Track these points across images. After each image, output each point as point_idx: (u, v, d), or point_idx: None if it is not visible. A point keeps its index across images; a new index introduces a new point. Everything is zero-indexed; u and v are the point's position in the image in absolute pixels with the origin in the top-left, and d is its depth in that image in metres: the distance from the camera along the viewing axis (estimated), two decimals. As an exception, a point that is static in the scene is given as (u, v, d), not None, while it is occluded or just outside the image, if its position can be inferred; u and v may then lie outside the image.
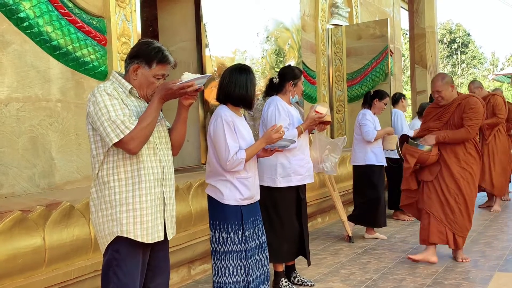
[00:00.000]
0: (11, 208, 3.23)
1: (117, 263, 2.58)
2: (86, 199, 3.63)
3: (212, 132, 3.32)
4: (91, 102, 2.53)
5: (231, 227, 3.34)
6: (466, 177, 4.86)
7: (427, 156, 4.88)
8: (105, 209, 2.57)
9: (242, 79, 3.38)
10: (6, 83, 3.58)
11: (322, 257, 5.50)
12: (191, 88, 2.54)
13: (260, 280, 3.46)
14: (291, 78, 4.41)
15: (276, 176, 4.27)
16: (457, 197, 4.86)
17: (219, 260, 3.39)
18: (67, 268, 3.43)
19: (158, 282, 2.79)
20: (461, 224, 4.88)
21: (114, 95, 2.50)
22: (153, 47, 2.61)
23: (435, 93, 4.94)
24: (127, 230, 2.56)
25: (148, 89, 2.64)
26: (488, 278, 4.51)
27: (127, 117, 2.47)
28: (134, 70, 2.61)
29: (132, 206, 2.56)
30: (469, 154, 4.89)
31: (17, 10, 3.66)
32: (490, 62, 44.46)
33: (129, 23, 4.44)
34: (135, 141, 2.48)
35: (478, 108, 4.79)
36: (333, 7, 8.36)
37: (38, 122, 3.78)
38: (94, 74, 4.21)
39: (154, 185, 2.63)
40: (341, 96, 8.27)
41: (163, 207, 2.70)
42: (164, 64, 2.62)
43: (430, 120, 5.07)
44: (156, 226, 2.66)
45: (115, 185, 2.55)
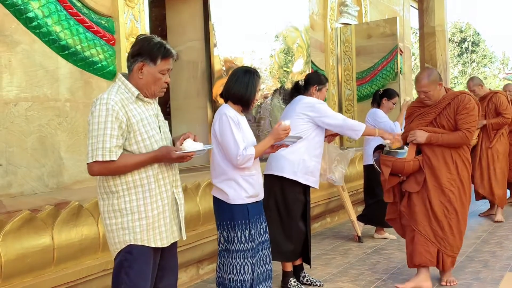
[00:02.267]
0: (20, 207, 3.24)
1: (129, 264, 2.59)
2: (94, 198, 3.63)
3: (218, 130, 3.31)
4: (91, 111, 2.53)
5: (238, 226, 3.34)
6: (457, 186, 4.18)
7: (401, 164, 4.14)
8: (114, 217, 2.58)
9: (244, 78, 3.39)
10: (15, 83, 3.59)
11: (331, 257, 5.48)
12: (190, 158, 2.63)
13: (262, 277, 3.46)
14: (317, 82, 4.55)
15: (297, 170, 4.30)
16: (447, 210, 4.17)
17: (228, 258, 3.40)
18: (75, 267, 3.44)
19: (167, 282, 2.80)
20: (451, 242, 4.21)
21: (115, 109, 2.48)
22: (155, 42, 2.60)
23: (421, 93, 4.21)
24: (141, 238, 2.58)
25: (155, 86, 2.63)
26: (499, 279, 4.47)
27: (115, 147, 2.47)
28: (139, 68, 2.59)
29: (145, 214, 2.58)
30: (461, 160, 4.20)
31: (26, 10, 3.67)
32: (501, 61, 44.17)
33: (137, 22, 4.44)
34: (103, 172, 2.51)
35: (472, 107, 4.13)
36: (342, 6, 8.32)
37: (47, 122, 3.79)
38: (102, 73, 4.21)
39: (166, 189, 2.66)
40: (350, 96, 8.23)
41: (176, 207, 2.74)
42: (168, 59, 2.61)
43: (413, 121, 4.36)
44: (171, 228, 2.70)
45: (125, 194, 2.56)
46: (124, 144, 2.53)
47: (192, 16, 5.66)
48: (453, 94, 4.20)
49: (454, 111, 4.13)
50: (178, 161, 2.66)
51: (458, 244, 4.25)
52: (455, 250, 4.26)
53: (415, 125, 4.27)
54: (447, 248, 4.20)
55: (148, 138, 2.57)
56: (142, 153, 2.56)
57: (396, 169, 4.17)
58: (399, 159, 4.13)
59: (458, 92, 4.23)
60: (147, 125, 2.59)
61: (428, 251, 4.18)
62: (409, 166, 4.13)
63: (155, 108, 2.71)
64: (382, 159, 4.22)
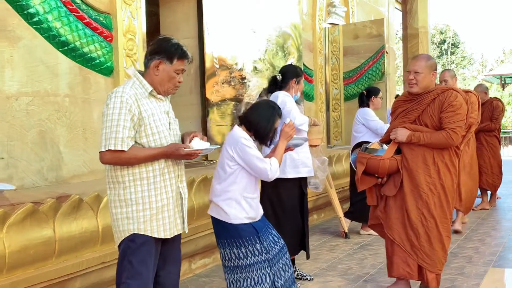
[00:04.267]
0: (21, 200, 3.30)
1: (131, 252, 2.70)
2: (94, 192, 3.71)
3: (241, 154, 3.24)
4: (106, 104, 2.66)
5: (248, 242, 3.28)
6: (437, 192, 3.77)
7: (376, 162, 3.77)
8: (119, 207, 2.70)
9: (267, 113, 3.37)
10: (16, 78, 3.64)
11: (320, 253, 5.60)
12: (196, 156, 2.76)
13: (288, 283, 3.42)
14: (294, 75, 4.55)
15: (285, 167, 4.37)
16: (424, 218, 3.77)
17: (244, 273, 3.32)
18: (75, 259, 3.51)
19: (170, 271, 2.92)
20: (430, 254, 3.79)
21: (129, 102, 2.61)
22: (173, 43, 2.75)
23: (411, 73, 3.79)
24: (144, 228, 2.69)
25: (169, 83, 2.76)
26: (482, 274, 4.63)
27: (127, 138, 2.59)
28: (155, 65, 2.72)
29: (149, 205, 2.69)
30: (444, 163, 3.79)
31: (27, 6, 3.71)
32: (480, 63, 44.88)
33: (134, 20, 4.51)
34: (114, 161, 2.63)
35: (459, 105, 3.74)
36: (330, 6, 8.47)
37: (47, 116, 3.84)
38: (100, 69, 4.27)
39: (171, 182, 2.78)
40: (337, 95, 8.39)
41: (180, 201, 2.85)
42: (183, 60, 2.76)
43: (396, 119, 3.98)
44: (175, 221, 2.81)
45: (131, 185, 2.68)
46: (135, 136, 2.65)
47: (185, 14, 5.74)
48: (440, 90, 3.82)
49: (439, 109, 3.75)
50: (185, 158, 2.78)
51: (440, 257, 3.82)
52: (439, 265, 3.83)
53: (398, 122, 3.89)
54: (426, 262, 3.80)
55: (157, 132, 2.69)
56: (151, 147, 2.68)
57: (370, 168, 3.82)
58: (374, 157, 3.79)
59: (445, 88, 3.88)
60: (158, 120, 2.71)
61: (406, 263, 3.85)
62: (385, 165, 3.76)
63: (167, 106, 2.84)
64: (358, 156, 3.91)
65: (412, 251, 3.81)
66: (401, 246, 3.84)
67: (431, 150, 3.76)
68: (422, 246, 3.79)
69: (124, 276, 2.71)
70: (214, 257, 5.13)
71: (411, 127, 3.82)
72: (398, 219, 3.85)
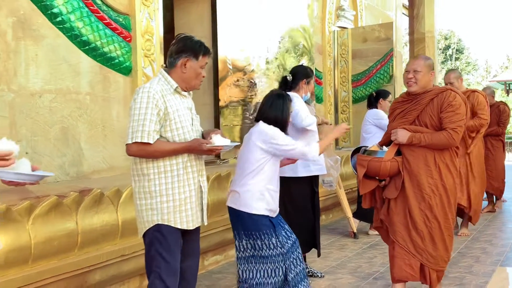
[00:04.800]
0: (45, 193, 3.41)
1: (158, 242, 2.81)
2: (114, 187, 3.82)
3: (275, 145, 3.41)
4: (133, 98, 2.78)
5: (264, 235, 3.39)
6: (439, 193, 3.74)
7: (377, 164, 3.71)
8: (144, 198, 2.81)
9: (279, 103, 3.54)
10: (40, 75, 3.76)
11: (329, 251, 5.69)
12: (217, 152, 2.91)
13: (299, 277, 3.52)
14: (305, 76, 4.62)
15: (296, 166, 4.46)
16: (427, 219, 3.75)
17: (259, 264, 3.44)
18: (96, 252, 3.62)
19: (190, 264, 3.01)
20: (434, 254, 3.79)
21: (156, 97, 2.72)
22: (196, 41, 2.89)
23: (410, 72, 3.79)
24: (168, 219, 2.80)
25: (196, 79, 2.89)
26: (490, 272, 4.72)
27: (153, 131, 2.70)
28: (183, 63, 2.83)
29: (172, 197, 2.80)
30: (445, 164, 3.76)
31: (51, 6, 3.84)
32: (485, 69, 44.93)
33: (152, 21, 4.63)
34: (140, 153, 2.75)
35: (459, 105, 3.71)
36: (340, 10, 8.58)
37: (69, 113, 3.96)
38: (119, 69, 4.39)
39: (193, 176, 2.88)
40: (346, 97, 8.49)
41: (201, 194, 2.95)
42: (207, 55, 2.89)
43: (395, 120, 3.94)
44: (196, 213, 2.92)
45: (155, 177, 2.79)
46: (160, 131, 2.76)
47: (199, 16, 5.86)
48: (438, 90, 3.81)
49: (438, 108, 3.72)
50: (207, 154, 2.92)
51: (443, 256, 3.82)
52: (441, 263, 3.84)
53: (397, 124, 3.85)
54: (430, 261, 3.79)
55: (181, 127, 2.81)
56: (175, 141, 2.79)
57: (371, 170, 3.76)
58: (375, 159, 3.73)
59: (444, 88, 3.84)
60: (182, 116, 2.83)
61: (409, 265, 3.79)
62: (386, 167, 3.71)
63: (190, 102, 2.96)
64: (358, 159, 3.85)
65: (416, 252, 3.77)
66: (404, 249, 3.78)
67: (432, 151, 3.72)
68: (427, 246, 3.76)
69: (153, 264, 2.82)
70: (225, 254, 5.23)
71: (411, 128, 3.77)
72: (401, 221, 3.79)
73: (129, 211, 3.85)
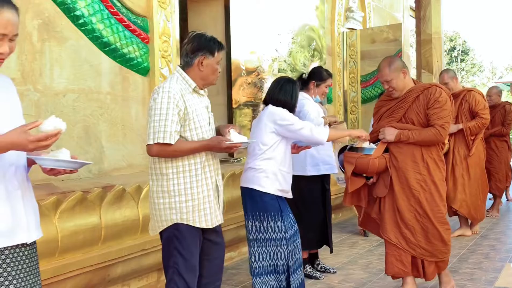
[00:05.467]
0: (71, 189, 3.54)
1: (177, 240, 2.86)
2: (135, 183, 3.95)
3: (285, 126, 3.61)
4: (152, 98, 2.83)
5: (271, 217, 3.59)
6: (428, 188, 3.73)
7: (366, 162, 3.68)
8: (162, 197, 2.86)
9: (288, 87, 3.74)
10: (64, 76, 3.89)
11: (340, 249, 5.80)
12: (236, 149, 2.97)
13: (297, 264, 3.71)
14: (316, 78, 4.74)
15: (306, 165, 4.58)
16: (418, 214, 3.73)
17: (260, 247, 3.64)
18: (118, 246, 3.74)
19: (216, 256, 3.08)
20: (428, 248, 3.77)
21: (176, 97, 2.78)
22: (209, 38, 2.93)
23: (384, 83, 3.82)
24: (187, 218, 2.85)
25: (213, 75, 2.95)
26: (499, 268, 4.82)
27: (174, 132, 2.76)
28: (200, 62, 2.89)
29: (191, 196, 2.85)
30: (432, 159, 3.75)
31: (74, 8, 3.96)
32: (490, 70, 44.85)
33: (169, 23, 4.75)
34: (161, 154, 2.80)
35: (445, 101, 3.70)
36: (348, 12, 8.70)
37: (91, 112, 4.08)
38: (138, 69, 4.52)
39: (210, 175, 2.94)
40: (355, 97, 8.60)
41: (217, 193, 3.01)
42: (222, 51, 2.96)
43: (381, 119, 3.92)
44: (215, 212, 2.97)
45: (174, 177, 2.84)
46: (179, 130, 2.82)
47: (213, 18, 5.99)
48: (423, 86, 3.80)
49: (424, 105, 3.71)
50: (226, 151, 2.99)
51: (440, 248, 3.79)
52: (439, 255, 3.81)
53: (384, 123, 3.84)
54: (425, 255, 3.78)
55: (200, 127, 2.87)
56: (194, 140, 2.86)
57: (360, 167, 3.73)
58: (363, 156, 3.70)
59: (428, 84, 3.84)
60: (200, 115, 2.89)
61: (400, 261, 3.80)
62: (374, 164, 3.69)
63: (206, 101, 3.02)
64: (346, 156, 3.81)
65: (409, 248, 3.75)
66: (396, 245, 3.77)
67: (419, 147, 3.71)
68: (419, 241, 3.75)
69: (171, 261, 2.87)
70: (239, 251, 5.35)
71: (398, 125, 3.76)
72: (391, 218, 3.78)
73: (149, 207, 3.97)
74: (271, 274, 3.64)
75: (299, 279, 3.73)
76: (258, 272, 3.67)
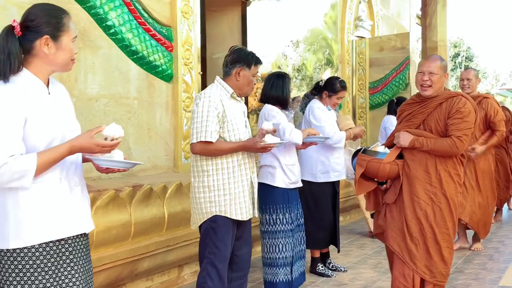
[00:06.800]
0: (104, 188, 3.79)
1: (213, 231, 3.17)
2: (161, 183, 4.20)
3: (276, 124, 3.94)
4: (195, 103, 3.16)
5: (280, 209, 3.98)
6: (438, 201, 3.48)
7: (376, 165, 3.50)
8: (203, 192, 3.17)
9: (279, 82, 4.09)
10: (97, 82, 4.16)
11: (350, 249, 6.03)
12: (270, 149, 3.30)
13: (298, 255, 4.13)
14: (329, 89, 4.94)
15: (316, 172, 4.84)
16: (422, 227, 3.48)
17: (270, 239, 4.02)
18: (146, 241, 3.99)
19: (244, 251, 3.38)
20: (428, 265, 3.51)
21: (216, 101, 3.11)
22: (248, 52, 3.29)
23: (425, 74, 3.52)
24: (225, 211, 3.17)
25: (248, 87, 3.29)
26: (503, 269, 5.05)
27: (214, 131, 3.07)
28: (237, 72, 3.22)
29: (229, 191, 3.17)
30: (447, 172, 3.50)
31: (106, 19, 4.23)
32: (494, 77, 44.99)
33: (191, 32, 5.02)
34: (203, 152, 3.12)
35: (468, 112, 3.46)
36: (358, 20, 8.97)
37: (120, 116, 4.35)
38: (162, 76, 4.79)
39: (246, 173, 3.26)
40: (363, 104, 8.86)
41: (252, 189, 3.32)
42: (258, 65, 3.29)
43: (401, 123, 3.73)
44: (248, 206, 3.28)
45: (214, 173, 3.16)
46: (219, 130, 3.14)
47: (230, 27, 6.28)
48: (448, 94, 3.57)
49: (446, 114, 3.50)
50: (261, 151, 3.30)
51: (439, 269, 3.53)
52: (438, 277, 3.54)
53: (402, 127, 3.66)
54: (425, 273, 3.52)
55: (237, 129, 3.19)
56: (232, 141, 3.17)
57: (370, 171, 3.55)
58: (375, 160, 3.53)
59: (454, 93, 3.59)
60: (236, 118, 3.21)
61: (403, 275, 3.54)
62: (385, 169, 3.50)
63: (243, 106, 3.35)
64: (358, 158, 3.64)
65: (411, 261, 3.51)
66: (400, 257, 3.54)
67: (433, 157, 3.49)
68: (421, 256, 3.52)
69: (207, 251, 3.18)
70: (254, 249, 5.57)
71: (414, 131, 3.57)
72: (398, 227, 3.57)
73: (174, 205, 4.23)
74: (280, 267, 3.99)
75: (299, 270, 4.11)
76: (269, 263, 4.04)
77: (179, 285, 4.54)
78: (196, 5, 5.11)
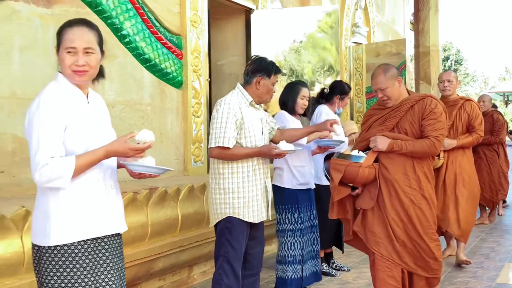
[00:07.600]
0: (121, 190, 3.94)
1: (228, 231, 3.34)
2: (174, 186, 4.37)
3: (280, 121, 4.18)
4: (215, 109, 3.33)
5: (288, 209, 4.20)
6: (418, 203, 3.48)
7: (355, 170, 3.40)
8: (218, 194, 3.35)
9: (287, 91, 4.35)
10: (113, 89, 4.33)
11: (351, 250, 6.16)
12: (283, 156, 3.47)
13: (309, 255, 4.33)
14: (340, 92, 5.11)
15: (322, 175, 5.02)
16: (408, 229, 3.48)
17: (280, 237, 4.26)
18: (161, 242, 4.15)
19: (257, 251, 3.55)
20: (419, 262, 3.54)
21: (235, 108, 3.28)
22: (269, 62, 3.45)
23: (378, 92, 3.56)
24: (238, 213, 3.34)
25: (267, 95, 3.46)
26: (500, 267, 5.26)
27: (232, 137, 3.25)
28: (257, 81, 3.39)
29: (242, 194, 3.34)
30: (423, 173, 3.53)
31: (121, 28, 4.41)
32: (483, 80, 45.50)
33: (200, 40, 5.20)
34: (220, 156, 3.30)
35: (440, 112, 3.53)
36: (355, 27, 9.20)
37: (134, 122, 4.52)
38: (173, 83, 4.96)
39: (260, 177, 3.43)
40: (360, 108, 9.09)
41: (265, 193, 3.49)
42: (278, 74, 3.46)
43: (371, 127, 3.66)
44: (261, 209, 3.45)
45: (229, 176, 3.34)
46: (236, 137, 3.31)
47: (234, 35, 6.45)
48: (418, 96, 3.60)
49: (420, 115, 3.51)
50: (275, 157, 3.47)
51: (432, 265, 3.56)
52: (430, 272, 3.57)
53: (375, 131, 3.59)
54: (417, 269, 3.55)
55: (254, 135, 3.36)
56: (248, 147, 3.34)
57: (348, 176, 3.44)
58: (353, 163, 3.42)
59: (424, 95, 3.63)
60: (254, 125, 3.38)
61: (392, 276, 3.51)
62: (364, 174, 3.42)
63: (261, 113, 3.51)
64: (334, 163, 3.52)
65: (401, 261, 3.51)
66: (389, 260, 3.51)
67: (410, 159, 3.49)
68: (411, 255, 3.53)
69: (222, 250, 3.35)
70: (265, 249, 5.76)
71: (390, 135, 3.54)
72: (383, 232, 3.51)
73: (186, 207, 4.40)
74: (289, 265, 4.20)
75: (310, 269, 4.31)
76: (280, 260, 4.26)
77: (189, 285, 4.70)
78: (204, 14, 5.30)
